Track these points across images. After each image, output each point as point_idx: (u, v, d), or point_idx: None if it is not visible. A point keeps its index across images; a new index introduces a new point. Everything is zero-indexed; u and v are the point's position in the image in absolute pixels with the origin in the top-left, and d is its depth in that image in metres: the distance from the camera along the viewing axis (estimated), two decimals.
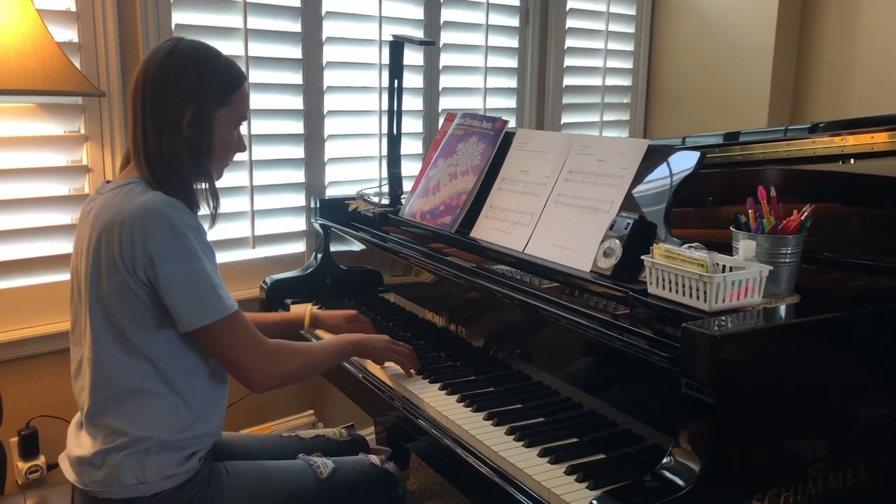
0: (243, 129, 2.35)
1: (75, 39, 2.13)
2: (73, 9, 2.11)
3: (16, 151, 2.08)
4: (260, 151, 2.49)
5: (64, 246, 2.16)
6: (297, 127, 2.57)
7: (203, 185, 1.47)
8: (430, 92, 2.90)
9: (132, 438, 1.39)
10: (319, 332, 2.01)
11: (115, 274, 1.36)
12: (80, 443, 1.44)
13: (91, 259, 1.39)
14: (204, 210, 1.49)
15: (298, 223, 2.64)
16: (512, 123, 3.16)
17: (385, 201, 2.41)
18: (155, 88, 1.40)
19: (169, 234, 1.34)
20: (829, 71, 3.13)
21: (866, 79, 2.99)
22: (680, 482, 1.16)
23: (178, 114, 1.40)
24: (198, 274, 1.36)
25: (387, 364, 1.79)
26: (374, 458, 1.66)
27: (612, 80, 3.51)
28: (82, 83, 1.87)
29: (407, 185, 2.44)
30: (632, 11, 3.51)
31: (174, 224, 1.34)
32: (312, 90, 2.58)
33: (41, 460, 2.17)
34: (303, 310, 1.95)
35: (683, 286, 1.33)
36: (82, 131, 2.18)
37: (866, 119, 1.87)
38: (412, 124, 2.86)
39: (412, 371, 1.75)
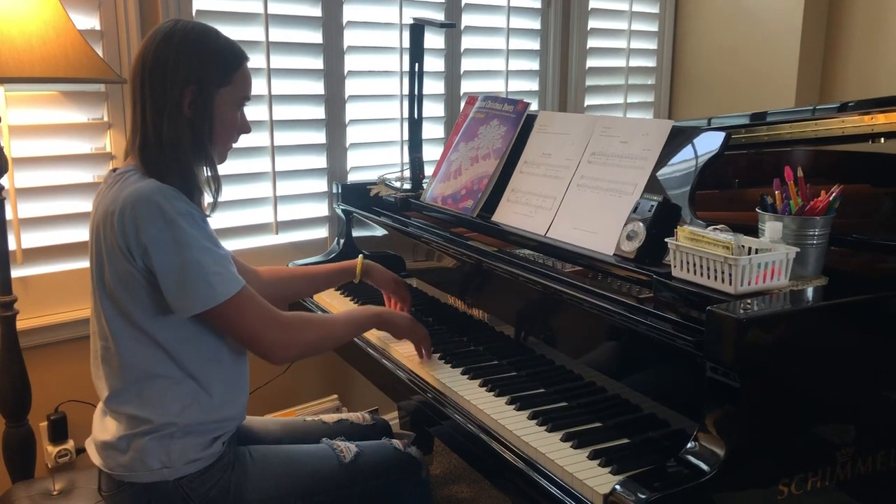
0: (264, 113, 2.41)
1: (97, 27, 2.14)
2: None
3: (40, 139, 2.10)
4: (282, 137, 2.49)
5: (88, 233, 2.18)
6: (319, 112, 2.57)
7: (205, 170, 1.46)
8: (452, 75, 2.88)
9: (156, 424, 1.40)
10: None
11: (117, 262, 1.36)
12: (105, 428, 1.45)
13: (94, 248, 1.41)
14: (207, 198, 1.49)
15: (321, 209, 2.64)
16: (534, 106, 3.13)
17: (407, 186, 2.40)
18: (154, 72, 1.39)
19: (160, 222, 1.33)
20: (858, 50, 3.06)
21: None
22: (705, 467, 1.15)
23: (178, 96, 1.39)
24: (188, 263, 1.34)
25: (398, 346, 1.79)
26: (397, 443, 1.66)
27: (636, 62, 3.47)
28: (104, 70, 1.88)
29: (428, 170, 2.44)
30: None
31: (165, 211, 1.33)
32: (333, 75, 2.58)
33: (70, 444, 2.20)
34: (354, 260, 1.95)
35: (708, 269, 1.31)
36: (105, 118, 2.20)
37: None
38: (433, 108, 2.85)
39: (425, 354, 1.75)
